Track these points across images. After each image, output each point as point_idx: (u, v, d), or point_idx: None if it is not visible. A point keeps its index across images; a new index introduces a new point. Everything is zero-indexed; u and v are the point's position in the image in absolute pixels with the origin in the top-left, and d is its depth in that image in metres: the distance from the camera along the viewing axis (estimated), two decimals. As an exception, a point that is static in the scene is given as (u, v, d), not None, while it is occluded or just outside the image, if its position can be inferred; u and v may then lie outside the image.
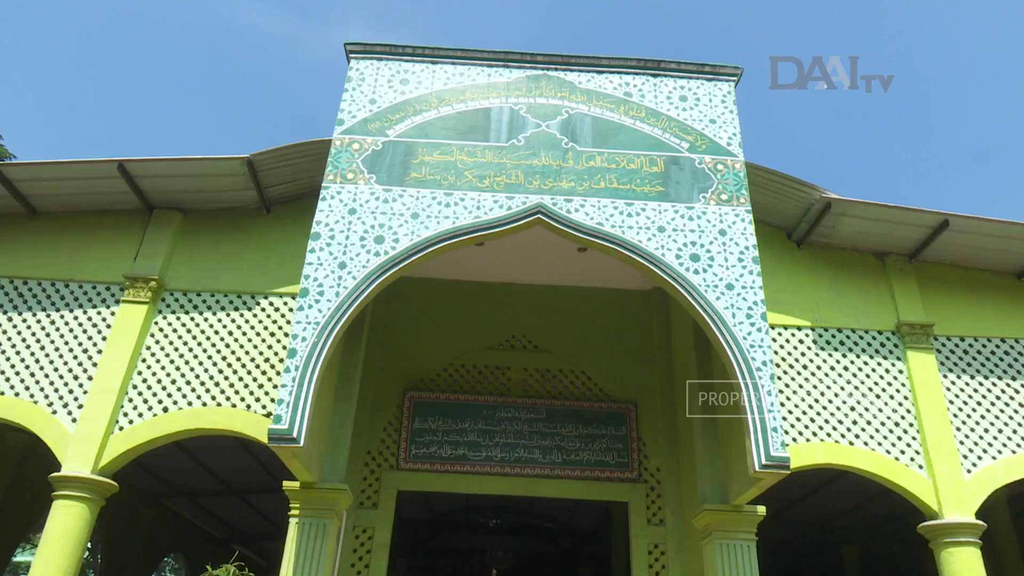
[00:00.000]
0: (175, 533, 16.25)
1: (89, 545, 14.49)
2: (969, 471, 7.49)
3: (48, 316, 7.73)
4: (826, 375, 7.85)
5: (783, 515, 12.41)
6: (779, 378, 7.68)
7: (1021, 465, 7.56)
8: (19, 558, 20.06)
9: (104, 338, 7.60)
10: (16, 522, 11.07)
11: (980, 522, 7.20)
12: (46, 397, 7.32)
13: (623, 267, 7.39)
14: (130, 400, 7.34)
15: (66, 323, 7.71)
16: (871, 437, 7.56)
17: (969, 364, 8.10)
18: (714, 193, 7.24)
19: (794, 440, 7.42)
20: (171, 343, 7.67)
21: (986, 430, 7.74)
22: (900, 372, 7.94)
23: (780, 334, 7.99)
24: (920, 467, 7.46)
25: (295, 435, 5.90)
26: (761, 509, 7.27)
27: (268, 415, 7.16)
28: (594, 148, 7.43)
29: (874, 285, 8.41)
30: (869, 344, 8.07)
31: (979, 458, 7.58)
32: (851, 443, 7.50)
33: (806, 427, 7.54)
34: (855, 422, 7.61)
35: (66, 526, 6.74)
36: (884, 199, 7.86)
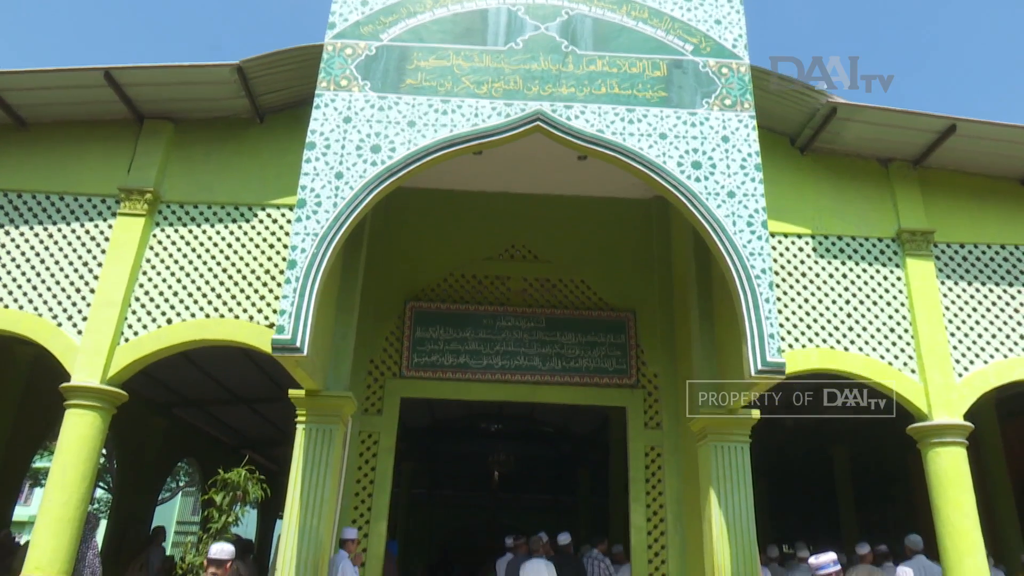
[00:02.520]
0: (187, 440, 16.77)
1: (104, 451, 14.98)
2: (961, 375, 7.64)
3: (45, 229, 7.70)
4: (824, 282, 7.89)
5: (776, 419, 12.75)
6: (777, 286, 7.72)
7: (1012, 369, 7.72)
8: (38, 464, 20.78)
9: (103, 251, 7.60)
10: (32, 430, 11.42)
11: (967, 423, 7.41)
12: (50, 310, 7.38)
13: (624, 176, 7.30)
14: (133, 312, 7.41)
15: (64, 236, 7.68)
16: (866, 343, 7.67)
17: (967, 271, 8.13)
18: (718, 98, 7.07)
19: (790, 346, 7.54)
20: (170, 255, 7.67)
21: (980, 335, 7.85)
22: (898, 279, 7.97)
23: (780, 242, 7.98)
24: (913, 371, 7.61)
25: (298, 344, 5.99)
26: (755, 413, 7.47)
27: (271, 326, 7.25)
28: (595, 52, 7.19)
29: (876, 192, 8.33)
30: (869, 252, 8.07)
31: (971, 362, 7.73)
32: (846, 349, 7.62)
33: (803, 333, 7.64)
34: (851, 328, 7.71)
35: (79, 434, 6.94)
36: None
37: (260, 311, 7.42)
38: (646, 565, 8.43)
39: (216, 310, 7.44)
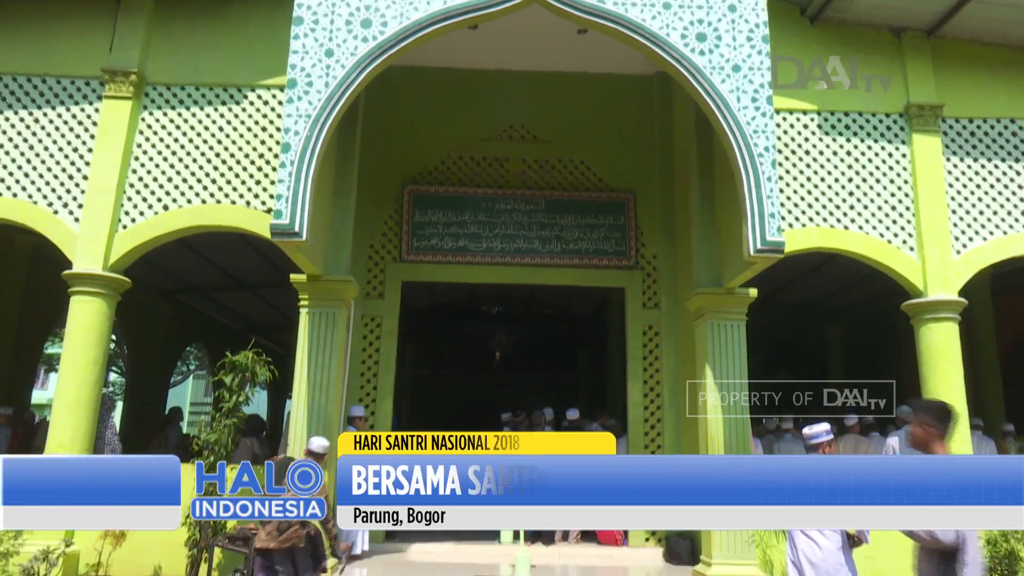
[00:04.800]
0: (194, 325, 17.05)
1: (115, 337, 15.28)
2: (959, 252, 7.67)
3: (31, 114, 7.49)
4: (828, 160, 7.76)
5: (773, 298, 12.92)
6: (780, 164, 7.60)
7: (1010, 245, 7.75)
8: (51, 351, 21.27)
9: (92, 136, 7.43)
10: (39, 318, 11.60)
11: (961, 299, 7.51)
12: (44, 197, 7.31)
13: (625, 50, 7.01)
14: (129, 199, 7.34)
15: (50, 121, 7.48)
16: (866, 221, 7.65)
17: (974, 147, 7.98)
18: (726, -37, 6.66)
19: (790, 225, 7.52)
20: (161, 140, 7.51)
21: (981, 212, 7.81)
22: (903, 156, 7.84)
23: (785, 119, 7.78)
24: (911, 249, 7.63)
25: (297, 229, 5.97)
26: (752, 291, 7.55)
27: (268, 211, 7.20)
28: (596, -88, 6.72)
29: (887, 65, 8.03)
30: (875, 128, 7.89)
31: (970, 239, 7.73)
32: (846, 227, 7.61)
33: (803, 212, 7.60)
34: (852, 207, 7.66)
35: (86, 320, 7.06)
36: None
37: (257, 196, 7.35)
38: (642, 437, 8.79)
39: (212, 196, 7.37)
